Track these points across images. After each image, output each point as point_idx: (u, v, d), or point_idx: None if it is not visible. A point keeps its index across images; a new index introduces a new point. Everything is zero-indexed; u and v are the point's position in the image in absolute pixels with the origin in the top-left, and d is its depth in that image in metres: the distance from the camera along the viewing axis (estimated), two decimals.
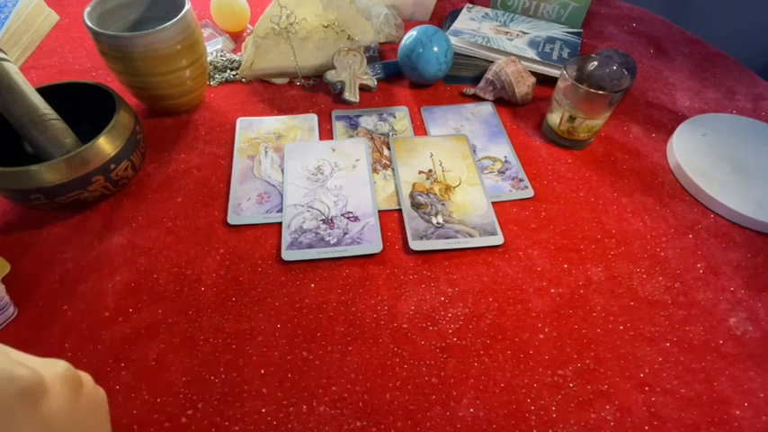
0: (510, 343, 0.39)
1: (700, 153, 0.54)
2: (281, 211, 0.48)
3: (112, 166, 0.44)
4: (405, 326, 0.40)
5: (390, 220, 0.48)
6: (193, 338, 0.39)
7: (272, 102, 0.61)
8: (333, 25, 0.61)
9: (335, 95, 0.62)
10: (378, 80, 0.64)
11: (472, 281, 0.43)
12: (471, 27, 0.67)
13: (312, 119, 0.59)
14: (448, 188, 0.51)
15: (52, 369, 0.22)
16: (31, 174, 0.41)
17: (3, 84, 0.42)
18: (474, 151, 0.55)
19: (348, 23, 0.61)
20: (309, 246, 0.45)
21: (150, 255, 0.44)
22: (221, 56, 0.66)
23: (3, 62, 0.43)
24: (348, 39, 0.62)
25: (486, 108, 0.61)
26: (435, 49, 0.59)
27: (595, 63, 0.55)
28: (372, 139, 0.57)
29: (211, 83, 0.63)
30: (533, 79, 0.60)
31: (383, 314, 0.41)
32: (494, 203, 0.50)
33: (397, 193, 0.50)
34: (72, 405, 0.22)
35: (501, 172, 0.53)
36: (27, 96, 0.43)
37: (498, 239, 0.46)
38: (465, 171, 0.53)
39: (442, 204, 0.49)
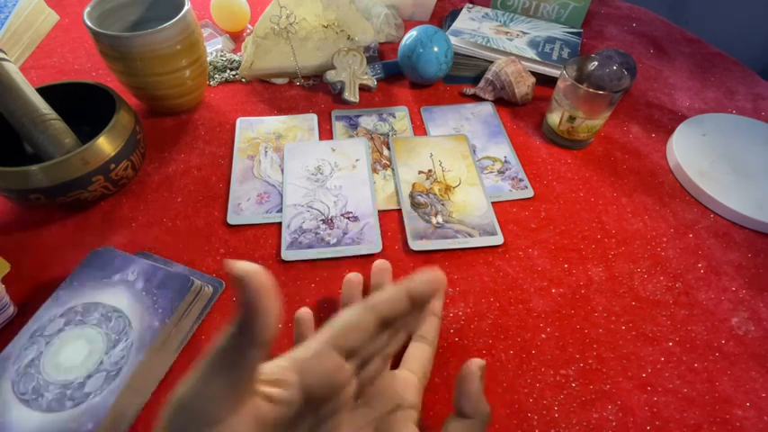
0: (512, 343, 0.39)
1: (700, 153, 0.54)
2: (280, 211, 0.48)
3: (112, 166, 0.44)
4: None
5: (390, 220, 0.48)
6: (195, 339, 0.39)
7: (272, 102, 0.61)
8: (333, 25, 0.61)
9: (335, 95, 0.62)
10: (378, 80, 0.64)
11: (473, 281, 0.43)
12: (471, 27, 0.67)
13: (312, 119, 0.59)
14: (448, 188, 0.51)
15: None
16: (31, 174, 0.41)
17: (3, 84, 0.42)
18: (474, 151, 0.55)
19: (348, 23, 0.61)
20: (309, 246, 0.45)
21: None
22: (221, 56, 0.66)
23: (3, 62, 0.43)
24: (348, 39, 0.62)
25: (486, 108, 0.61)
26: (435, 49, 0.59)
27: (595, 63, 0.55)
28: (372, 139, 0.56)
29: (211, 83, 0.63)
30: (533, 79, 0.60)
31: None
32: (493, 203, 0.50)
33: (397, 193, 0.50)
34: None
35: (501, 172, 0.53)
36: (27, 96, 0.43)
37: (498, 239, 0.46)
38: (465, 171, 0.53)
39: (442, 204, 0.49)
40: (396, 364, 0.35)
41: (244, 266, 0.20)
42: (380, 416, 0.30)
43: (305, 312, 0.36)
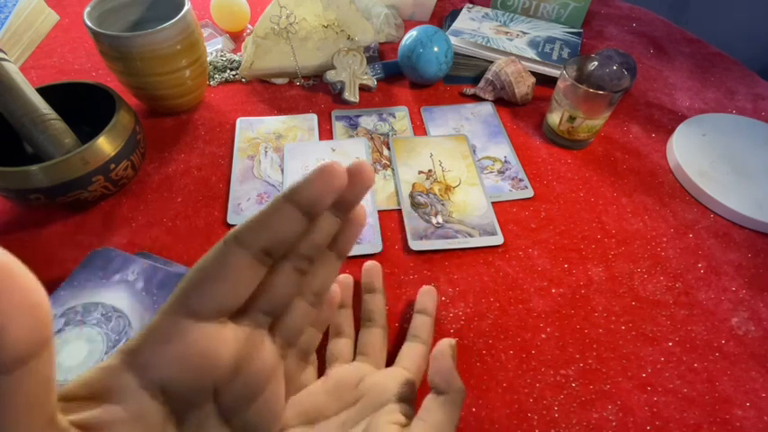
0: (512, 343, 0.39)
1: (700, 153, 0.54)
2: None
3: (112, 166, 0.44)
4: (406, 326, 0.40)
5: (390, 220, 0.48)
6: None
7: (272, 102, 0.61)
8: (333, 25, 0.61)
9: (335, 95, 0.62)
10: (378, 80, 0.64)
11: (473, 281, 0.43)
12: (471, 27, 0.67)
13: (312, 119, 0.59)
14: (448, 188, 0.51)
15: None
16: (31, 174, 0.41)
17: (3, 84, 0.42)
18: (474, 151, 0.55)
19: (348, 23, 0.61)
20: None
21: None
22: (221, 56, 0.66)
23: (3, 62, 0.43)
24: (348, 39, 0.62)
25: (486, 108, 0.61)
26: (435, 49, 0.59)
27: (595, 63, 0.55)
28: (372, 139, 0.56)
29: (211, 83, 0.63)
30: (533, 79, 0.60)
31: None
32: (493, 203, 0.50)
33: (397, 193, 0.50)
34: None
35: (501, 172, 0.53)
36: (27, 96, 0.43)
37: (498, 239, 0.46)
38: (465, 171, 0.53)
39: (442, 204, 0.49)
40: (390, 364, 0.35)
41: None
42: (371, 413, 0.30)
43: None
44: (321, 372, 0.35)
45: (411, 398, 0.31)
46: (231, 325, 0.18)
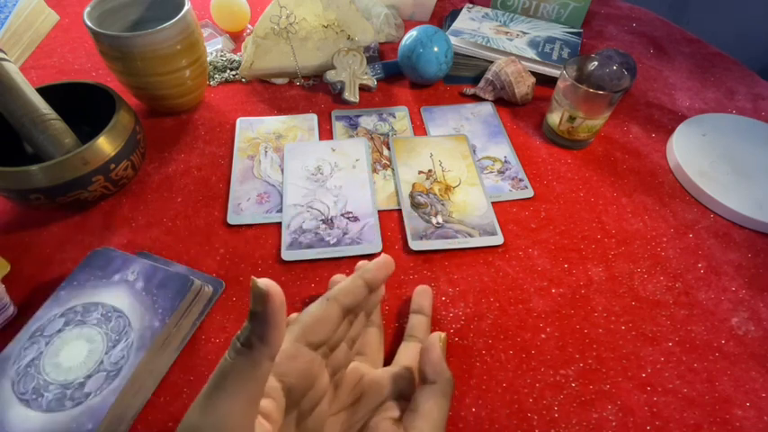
0: (512, 343, 0.39)
1: (700, 153, 0.54)
2: (280, 211, 0.48)
3: (112, 166, 0.44)
4: (406, 326, 0.40)
5: (390, 221, 0.48)
6: (195, 339, 0.39)
7: (272, 102, 0.61)
8: (333, 25, 0.61)
9: (335, 95, 0.62)
10: (378, 80, 0.64)
11: (473, 281, 0.43)
12: (471, 27, 0.67)
13: (312, 119, 0.59)
14: (448, 188, 0.51)
15: None
16: (31, 174, 0.41)
17: (3, 84, 0.42)
18: (474, 151, 0.55)
19: (348, 23, 0.61)
20: (309, 246, 0.45)
21: None
22: (221, 56, 0.66)
23: (3, 62, 0.43)
24: (348, 39, 0.62)
25: (486, 108, 0.61)
26: (435, 49, 0.59)
27: (595, 63, 0.55)
28: (372, 139, 0.56)
29: (211, 83, 0.63)
30: (533, 79, 0.60)
31: (384, 314, 0.41)
32: (493, 203, 0.50)
33: (397, 193, 0.50)
34: None
35: (501, 172, 0.53)
36: (27, 96, 0.43)
37: (498, 239, 0.46)
38: (465, 171, 0.53)
39: (442, 204, 0.49)
40: (388, 364, 0.35)
41: (265, 281, 0.22)
42: (369, 411, 0.30)
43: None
44: None
45: (409, 396, 0.31)
46: (315, 353, 0.27)
